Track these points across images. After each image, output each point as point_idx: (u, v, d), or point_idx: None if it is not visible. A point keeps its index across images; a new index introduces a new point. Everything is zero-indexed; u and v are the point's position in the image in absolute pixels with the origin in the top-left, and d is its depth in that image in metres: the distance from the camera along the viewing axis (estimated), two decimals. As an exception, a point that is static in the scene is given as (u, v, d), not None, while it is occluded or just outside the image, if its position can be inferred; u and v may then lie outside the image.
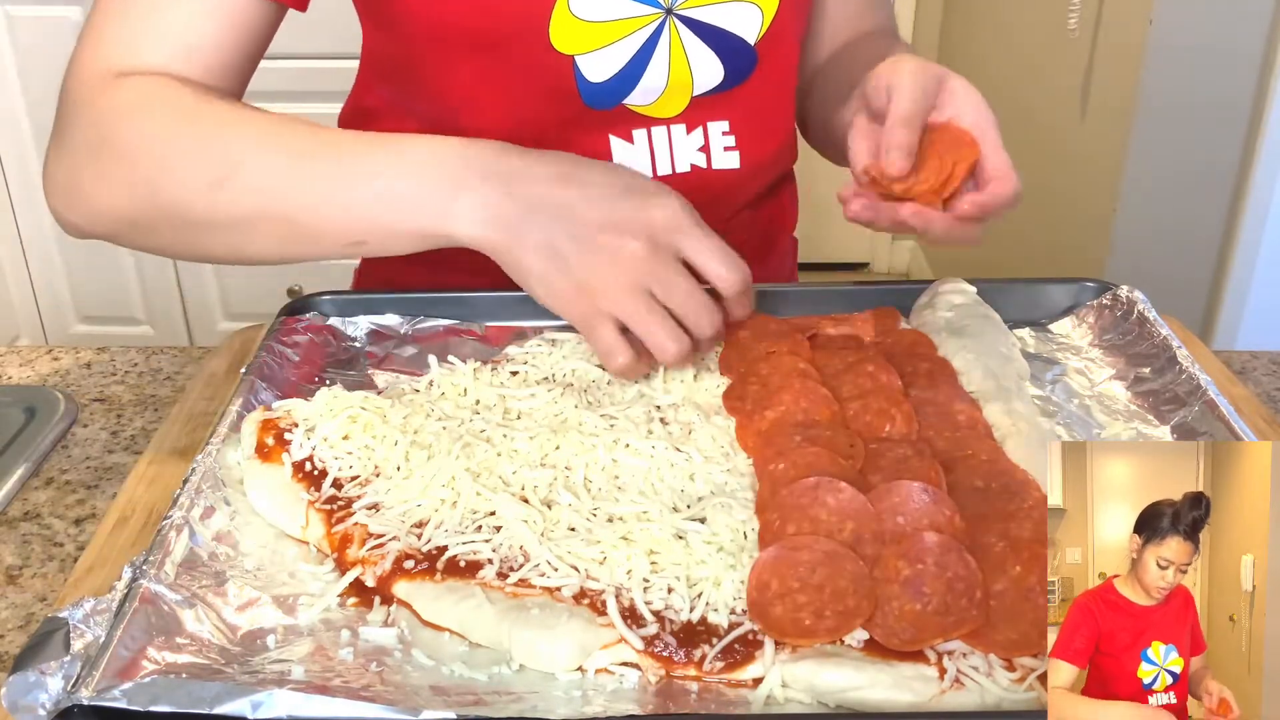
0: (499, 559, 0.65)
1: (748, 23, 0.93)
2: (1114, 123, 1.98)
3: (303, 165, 0.78)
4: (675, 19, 0.91)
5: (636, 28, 0.90)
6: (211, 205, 0.78)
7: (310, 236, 0.78)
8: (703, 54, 0.93)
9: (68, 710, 0.55)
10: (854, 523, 0.64)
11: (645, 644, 0.60)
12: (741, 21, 0.93)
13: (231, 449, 0.74)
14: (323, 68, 2.41)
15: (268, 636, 0.61)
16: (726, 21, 0.93)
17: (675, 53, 0.92)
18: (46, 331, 2.67)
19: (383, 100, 1.00)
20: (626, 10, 0.89)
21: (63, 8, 2.35)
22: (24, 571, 0.75)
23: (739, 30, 0.93)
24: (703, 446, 0.74)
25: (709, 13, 0.92)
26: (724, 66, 0.94)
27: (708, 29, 0.92)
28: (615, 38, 0.90)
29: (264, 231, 0.79)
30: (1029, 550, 0.63)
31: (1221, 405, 0.77)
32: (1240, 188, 1.90)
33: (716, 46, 0.93)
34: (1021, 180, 0.79)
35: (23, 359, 1.00)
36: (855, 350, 0.83)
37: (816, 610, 0.60)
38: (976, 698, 0.58)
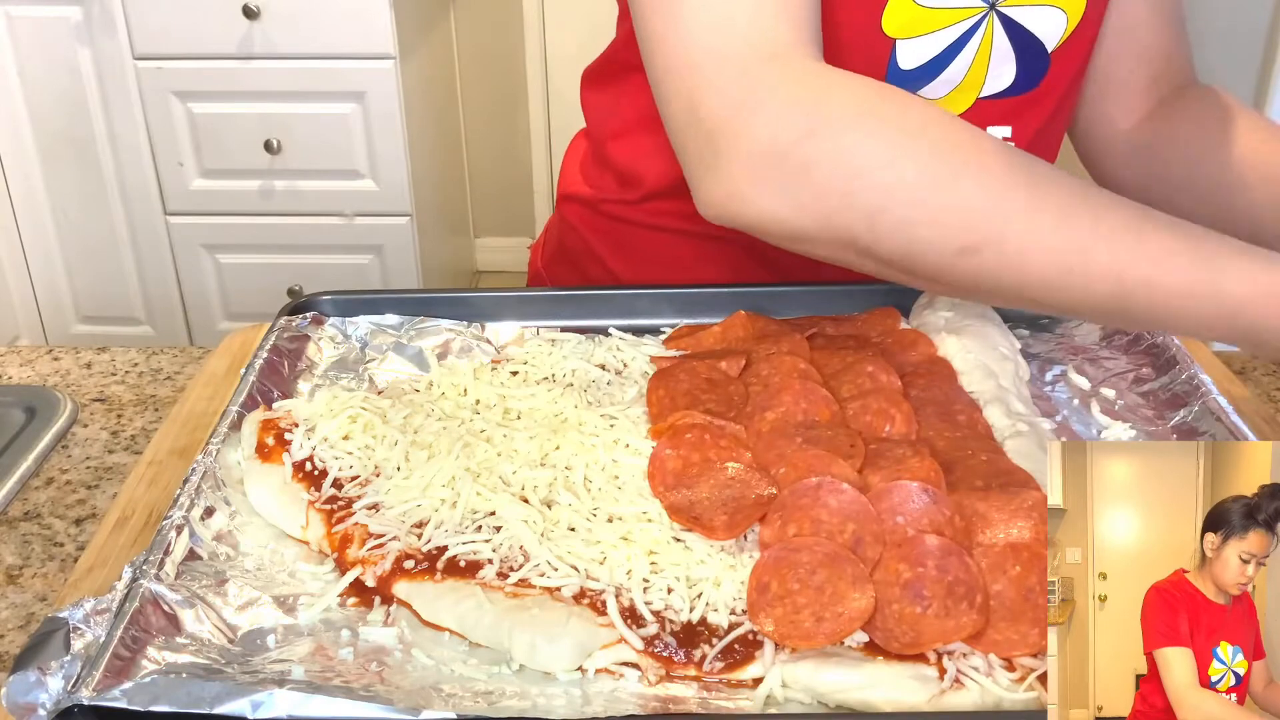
0: (499, 559, 0.65)
1: (1053, 27, 0.90)
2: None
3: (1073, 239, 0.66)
4: (996, 15, 0.88)
5: (961, 18, 0.87)
6: (942, 269, 0.69)
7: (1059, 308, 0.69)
8: (1004, 54, 0.90)
9: (68, 710, 0.55)
10: (855, 524, 0.64)
11: (645, 644, 0.60)
12: (1048, 25, 0.90)
13: (231, 449, 0.74)
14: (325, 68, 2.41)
15: (268, 636, 0.61)
16: (1035, 23, 0.90)
17: (983, 49, 0.89)
18: (46, 331, 2.68)
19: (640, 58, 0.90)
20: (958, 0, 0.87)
21: (63, 8, 2.36)
22: (24, 571, 0.75)
23: (1043, 34, 0.91)
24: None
25: (1025, 13, 0.89)
26: (1018, 70, 0.91)
27: (1019, 29, 0.90)
28: (940, 25, 0.87)
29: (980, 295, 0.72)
30: (1029, 550, 0.63)
31: (1221, 405, 0.77)
32: (1240, 188, 1.90)
33: (1019, 48, 0.91)
34: None
35: (23, 359, 1.00)
36: (855, 350, 0.83)
37: (816, 613, 0.60)
38: (976, 698, 0.58)
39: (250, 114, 2.40)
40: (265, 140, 2.42)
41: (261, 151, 2.44)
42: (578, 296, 0.93)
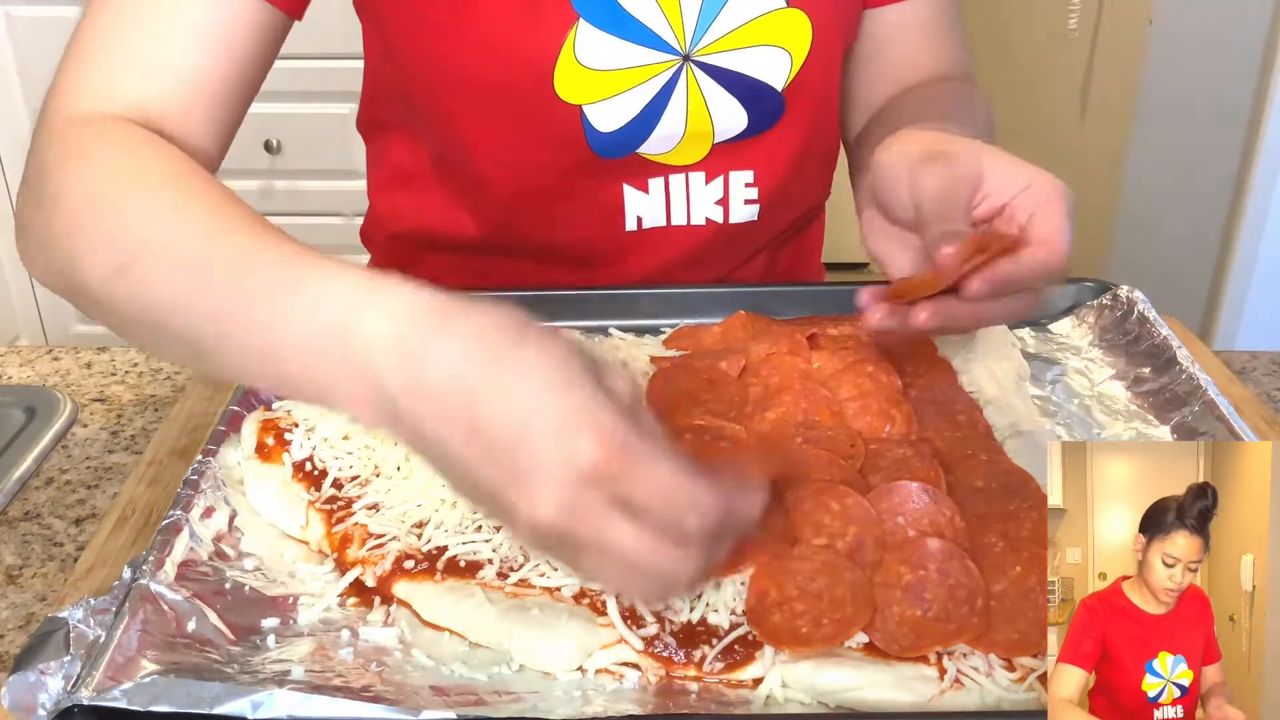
0: (499, 559, 0.65)
1: (775, 68, 0.88)
2: (1114, 123, 1.98)
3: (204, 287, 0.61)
4: (693, 65, 0.87)
5: (649, 76, 0.86)
6: (107, 291, 0.65)
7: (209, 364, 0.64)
8: (724, 101, 0.89)
9: (68, 710, 0.55)
10: (857, 527, 0.64)
11: (645, 644, 0.60)
12: (768, 67, 0.88)
13: (231, 449, 0.74)
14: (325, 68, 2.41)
15: (268, 636, 0.61)
16: (751, 67, 0.88)
17: (694, 100, 0.88)
18: (46, 331, 2.67)
19: (395, 115, 0.97)
20: (638, 58, 0.85)
21: (63, 8, 2.35)
22: (24, 571, 0.75)
23: (765, 76, 0.88)
24: (703, 446, 0.74)
25: (732, 58, 0.87)
26: (748, 114, 0.90)
27: (730, 75, 0.88)
28: (625, 87, 0.86)
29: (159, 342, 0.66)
30: (1029, 550, 0.63)
31: (1221, 405, 0.77)
32: (1240, 187, 1.90)
33: (740, 93, 0.89)
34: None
35: (23, 359, 1.00)
36: (855, 350, 0.83)
37: (814, 618, 0.60)
38: (976, 698, 0.58)
39: (250, 114, 2.39)
40: (265, 140, 2.42)
41: (261, 151, 2.43)
42: (578, 296, 0.93)
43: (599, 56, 0.84)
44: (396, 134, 0.97)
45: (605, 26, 0.84)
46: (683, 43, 0.86)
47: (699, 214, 0.94)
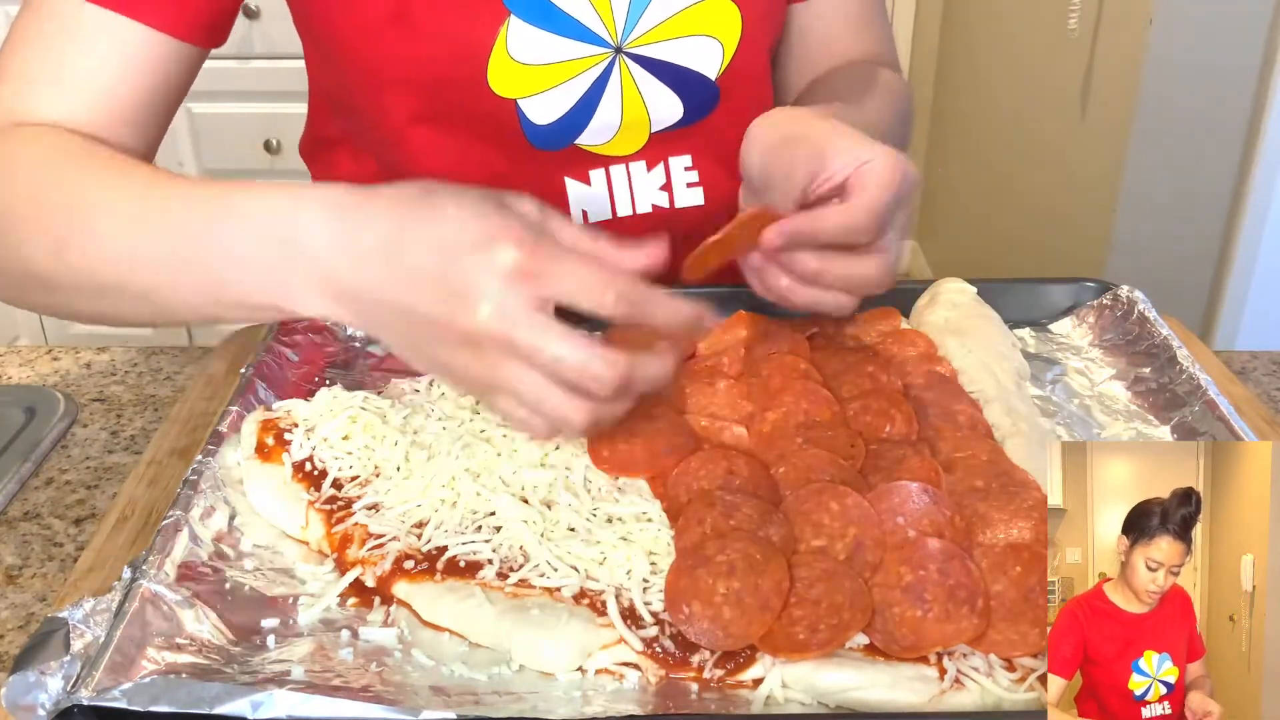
0: (499, 559, 0.65)
1: (707, 58, 0.90)
2: (1114, 123, 1.98)
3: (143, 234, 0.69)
4: (625, 58, 0.88)
5: (582, 69, 0.87)
6: (56, 272, 0.72)
7: (164, 310, 0.71)
8: (659, 91, 0.90)
9: (68, 710, 0.55)
10: (856, 527, 0.64)
11: (645, 644, 0.60)
12: (700, 57, 0.90)
13: (231, 449, 0.74)
14: (323, 68, 2.40)
15: (268, 636, 0.61)
16: (683, 57, 0.89)
17: (629, 91, 0.89)
18: (46, 331, 2.67)
19: (338, 131, 0.98)
20: (570, 52, 0.86)
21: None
22: (24, 571, 0.75)
23: (698, 66, 0.90)
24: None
25: (664, 49, 0.89)
26: (683, 103, 0.91)
27: (663, 66, 0.89)
28: (559, 80, 0.87)
29: (113, 301, 0.72)
30: (1029, 550, 0.63)
31: (1221, 405, 0.77)
32: (1240, 187, 1.90)
33: (674, 83, 0.90)
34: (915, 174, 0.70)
35: (23, 359, 1.00)
36: (855, 350, 0.83)
37: (810, 624, 0.60)
38: (976, 698, 0.58)
39: (250, 114, 2.40)
40: (265, 140, 2.42)
41: (261, 151, 2.43)
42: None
43: (531, 51, 0.85)
44: (342, 150, 0.98)
45: (536, 21, 0.85)
46: (614, 35, 0.87)
47: (644, 201, 0.95)
